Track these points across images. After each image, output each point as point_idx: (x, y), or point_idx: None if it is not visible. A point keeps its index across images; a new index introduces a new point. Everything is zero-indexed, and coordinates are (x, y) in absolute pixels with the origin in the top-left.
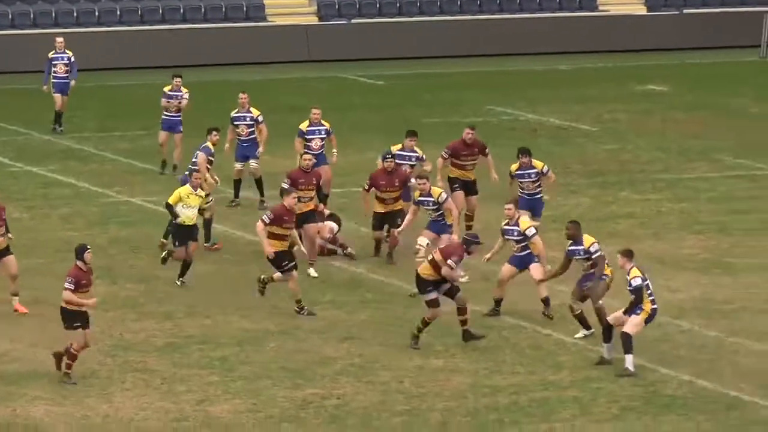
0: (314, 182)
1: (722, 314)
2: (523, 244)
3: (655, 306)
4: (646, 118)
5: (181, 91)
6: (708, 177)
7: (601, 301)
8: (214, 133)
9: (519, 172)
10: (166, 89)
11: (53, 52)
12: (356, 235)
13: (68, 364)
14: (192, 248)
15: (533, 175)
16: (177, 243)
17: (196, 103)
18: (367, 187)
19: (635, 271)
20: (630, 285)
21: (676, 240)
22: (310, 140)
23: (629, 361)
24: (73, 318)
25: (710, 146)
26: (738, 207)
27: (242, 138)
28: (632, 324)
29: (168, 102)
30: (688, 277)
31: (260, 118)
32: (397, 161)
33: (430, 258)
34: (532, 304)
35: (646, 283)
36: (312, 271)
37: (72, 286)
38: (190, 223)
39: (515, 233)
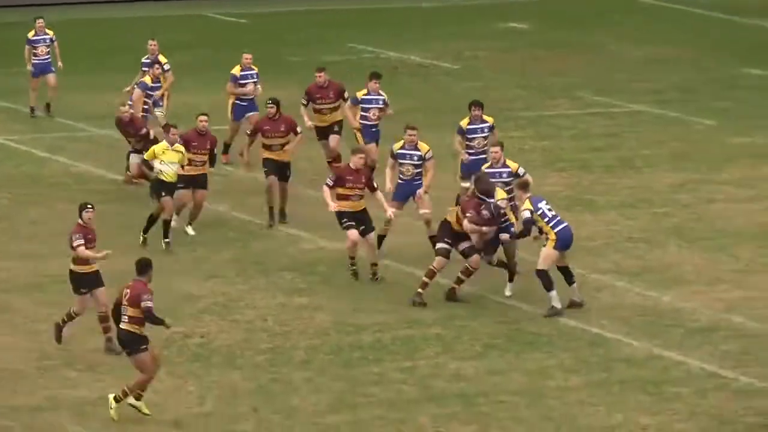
0: (208, 146)
1: (585, 251)
2: (511, 186)
3: (559, 227)
4: (507, 56)
5: (46, 34)
6: (569, 114)
7: (516, 258)
8: (156, 66)
9: (471, 127)
10: (29, 35)
11: None
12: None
13: (105, 327)
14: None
15: (485, 130)
16: (154, 196)
17: (64, 43)
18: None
19: (527, 204)
20: (521, 216)
21: (539, 177)
22: (244, 85)
23: (553, 298)
24: (81, 283)
25: (570, 83)
26: (597, 144)
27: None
28: (541, 259)
29: (34, 48)
30: None
31: (166, 67)
32: (363, 105)
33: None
34: (394, 242)
35: (540, 212)
36: (189, 229)
37: (82, 240)
38: (170, 180)
39: (504, 175)
